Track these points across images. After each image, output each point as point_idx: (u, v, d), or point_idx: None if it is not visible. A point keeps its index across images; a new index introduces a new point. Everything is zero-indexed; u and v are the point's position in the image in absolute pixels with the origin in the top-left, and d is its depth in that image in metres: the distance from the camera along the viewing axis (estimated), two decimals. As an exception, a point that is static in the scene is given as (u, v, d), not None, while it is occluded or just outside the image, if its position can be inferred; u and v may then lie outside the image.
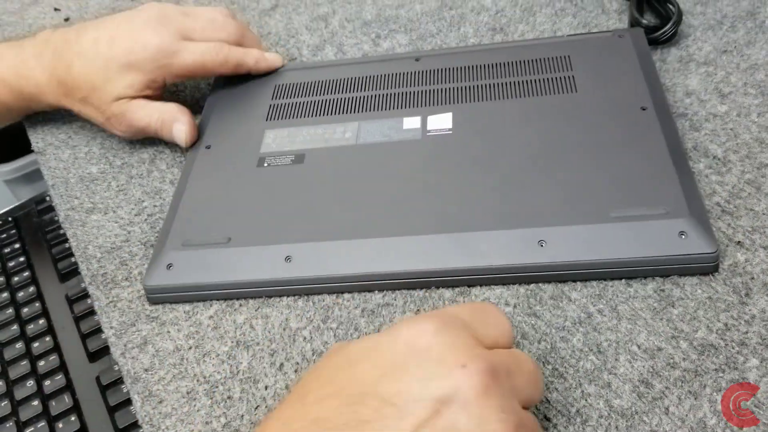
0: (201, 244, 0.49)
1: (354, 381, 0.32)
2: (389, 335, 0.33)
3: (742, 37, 0.59)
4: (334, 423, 0.31)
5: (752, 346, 0.41)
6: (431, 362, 0.31)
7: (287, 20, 0.72)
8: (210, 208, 0.52)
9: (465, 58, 0.59)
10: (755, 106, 0.54)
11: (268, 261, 0.48)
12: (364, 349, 0.34)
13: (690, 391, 0.39)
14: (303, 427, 0.31)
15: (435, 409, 0.30)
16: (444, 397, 0.30)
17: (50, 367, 0.54)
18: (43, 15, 0.80)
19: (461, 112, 0.54)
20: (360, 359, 0.33)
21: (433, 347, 0.32)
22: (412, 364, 0.31)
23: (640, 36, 0.58)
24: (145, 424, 0.43)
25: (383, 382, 0.31)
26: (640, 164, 0.47)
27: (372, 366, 0.32)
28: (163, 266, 0.49)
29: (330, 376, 0.33)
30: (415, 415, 0.30)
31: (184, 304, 0.49)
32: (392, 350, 0.32)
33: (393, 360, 0.32)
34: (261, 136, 0.56)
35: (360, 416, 0.30)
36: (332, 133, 0.55)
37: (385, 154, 0.53)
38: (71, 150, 0.63)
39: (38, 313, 0.57)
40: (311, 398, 0.33)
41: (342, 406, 0.31)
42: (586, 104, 0.53)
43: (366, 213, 0.49)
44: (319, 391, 0.33)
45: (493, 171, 0.50)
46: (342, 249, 0.47)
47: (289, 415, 0.33)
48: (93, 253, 0.53)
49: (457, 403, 0.30)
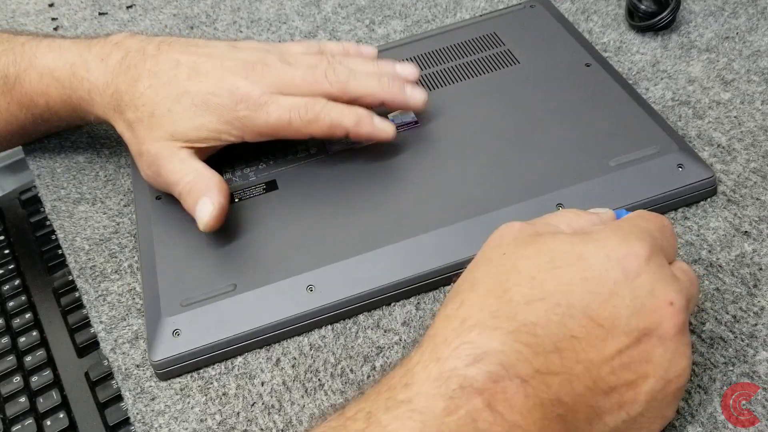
0: (204, 299, 0.44)
1: (562, 289, 0.32)
2: (596, 246, 0.33)
3: (743, 24, 0.58)
4: (543, 331, 0.31)
5: (762, 339, 0.40)
6: (643, 292, 0.32)
7: (278, 5, 0.71)
8: (194, 260, 0.46)
9: (396, 53, 0.59)
10: (759, 93, 0.53)
11: (289, 296, 0.44)
12: (568, 254, 0.33)
13: (700, 385, 0.38)
14: (513, 328, 0.31)
15: (637, 338, 0.32)
16: (647, 329, 0.32)
17: (37, 363, 0.52)
18: (26, 0, 0.77)
19: None
20: (565, 265, 0.33)
21: (644, 275, 0.32)
22: (624, 291, 0.32)
23: (549, 3, 0.62)
24: (137, 422, 0.42)
25: (593, 301, 0.32)
26: (611, 114, 0.50)
27: (580, 278, 0.32)
28: (168, 334, 0.43)
29: (532, 273, 0.33)
30: (619, 339, 0.31)
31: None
32: (602, 267, 0.32)
33: (603, 278, 0.32)
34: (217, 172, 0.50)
35: (570, 330, 0.31)
36: (294, 152, 0.52)
37: (363, 158, 0.51)
38: (57, 139, 0.61)
39: (24, 306, 0.56)
40: (517, 297, 0.32)
41: (551, 314, 0.31)
42: (533, 72, 0.55)
43: (375, 220, 0.46)
44: (523, 289, 0.32)
45: (481, 150, 0.49)
46: (365, 263, 0.44)
47: (494, 308, 0.32)
48: (81, 245, 0.52)
49: (657, 336, 0.32)
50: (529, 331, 0.31)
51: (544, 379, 0.31)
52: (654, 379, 0.32)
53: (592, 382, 0.31)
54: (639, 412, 0.32)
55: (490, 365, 0.30)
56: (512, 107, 0.52)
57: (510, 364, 0.30)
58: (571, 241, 0.34)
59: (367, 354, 0.43)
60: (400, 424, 0.30)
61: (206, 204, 0.46)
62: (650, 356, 0.32)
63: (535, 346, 0.31)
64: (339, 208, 0.48)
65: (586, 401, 0.31)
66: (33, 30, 0.73)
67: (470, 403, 0.30)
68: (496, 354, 0.30)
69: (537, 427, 0.30)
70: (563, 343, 0.31)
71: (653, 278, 0.32)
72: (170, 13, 0.72)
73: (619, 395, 0.32)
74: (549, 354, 0.31)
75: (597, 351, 0.31)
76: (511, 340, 0.31)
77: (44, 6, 0.76)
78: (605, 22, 0.61)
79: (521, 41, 0.58)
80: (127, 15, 0.73)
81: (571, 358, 0.31)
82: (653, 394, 0.32)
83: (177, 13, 0.72)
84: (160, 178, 0.48)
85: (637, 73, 0.56)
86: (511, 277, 0.33)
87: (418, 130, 0.52)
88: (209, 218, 0.45)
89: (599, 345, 0.31)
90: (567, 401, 0.31)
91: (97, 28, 0.72)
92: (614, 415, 0.32)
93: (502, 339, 0.31)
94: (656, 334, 0.32)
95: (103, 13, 0.74)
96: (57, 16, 0.75)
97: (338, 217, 0.47)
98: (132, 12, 0.73)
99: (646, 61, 0.57)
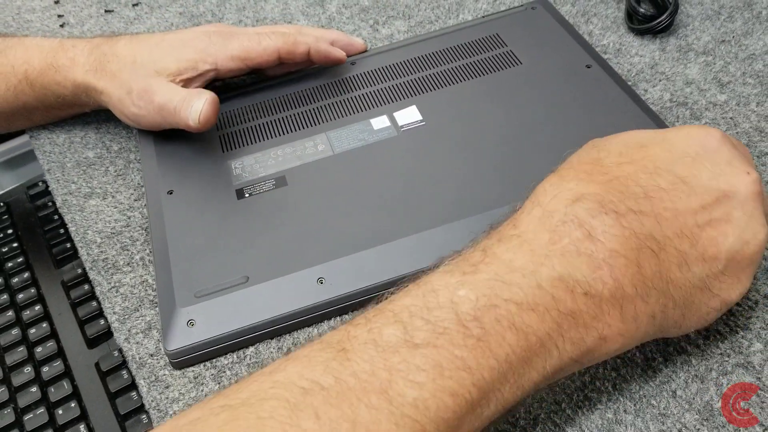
0: (218, 290, 0.45)
1: (649, 158, 0.36)
2: (677, 130, 0.38)
3: (739, 27, 0.60)
4: (634, 182, 0.35)
5: (756, 331, 0.41)
6: (722, 161, 0.36)
7: (283, 5, 0.72)
8: (206, 253, 0.47)
9: (399, 54, 0.60)
10: (754, 95, 0.54)
11: (300, 288, 0.45)
12: (653, 138, 0.38)
13: (696, 374, 0.40)
14: (607, 180, 0.35)
15: (717, 198, 0.35)
16: (728, 191, 0.35)
17: (48, 354, 0.53)
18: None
19: (424, 102, 0.55)
20: (652, 144, 0.37)
21: (722, 150, 0.37)
22: (705, 159, 0.36)
23: (548, 5, 0.63)
24: (152, 409, 0.43)
25: (678, 164, 0.36)
26: (611, 115, 0.52)
27: (665, 151, 0.37)
28: (183, 324, 0.44)
29: (621, 150, 0.37)
30: (701, 196, 0.35)
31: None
32: (684, 143, 0.37)
33: (686, 151, 0.36)
34: (226, 168, 0.53)
35: (657, 183, 0.35)
36: (303, 149, 0.53)
37: (371, 156, 0.52)
38: (66, 134, 0.62)
39: (34, 299, 0.57)
40: (608, 163, 0.36)
41: (640, 172, 0.36)
42: (536, 73, 0.56)
43: (384, 215, 0.48)
44: (613, 158, 0.37)
45: (484, 149, 0.51)
46: (374, 257, 0.45)
47: (589, 169, 0.36)
48: (93, 238, 0.53)
49: (736, 199, 0.35)
50: (621, 182, 0.35)
51: (637, 217, 0.34)
52: (733, 238, 0.35)
53: (679, 229, 0.35)
54: (720, 270, 0.35)
55: (588, 203, 0.34)
56: (515, 107, 0.53)
57: (606, 201, 0.34)
58: (655, 132, 0.38)
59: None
60: (512, 253, 0.34)
61: (197, 102, 0.51)
62: (730, 216, 0.35)
63: (627, 192, 0.35)
64: (348, 203, 0.49)
65: (675, 245, 0.35)
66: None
67: (572, 234, 0.34)
68: (594, 195, 0.34)
69: (633, 255, 0.34)
70: (652, 192, 0.35)
71: (730, 154, 0.37)
72: (176, 11, 0.73)
73: (703, 248, 0.35)
74: (640, 199, 0.35)
75: (682, 202, 0.35)
76: (605, 188, 0.35)
77: (50, 3, 0.77)
78: (605, 24, 0.63)
79: (523, 42, 0.59)
80: (133, 13, 0.74)
81: (660, 205, 0.35)
82: (732, 253, 0.35)
83: (183, 11, 0.73)
84: (153, 104, 0.53)
85: (636, 74, 0.58)
86: (602, 154, 0.37)
87: (424, 128, 0.53)
88: (203, 113, 0.51)
89: (684, 198, 0.35)
90: (659, 239, 0.34)
91: (103, 25, 0.73)
92: (700, 266, 0.35)
93: (598, 186, 0.35)
94: (735, 197, 0.35)
95: (110, 11, 0.75)
96: (63, 13, 0.75)
97: (347, 212, 0.48)
98: (138, 10, 0.74)
99: (645, 63, 0.59)
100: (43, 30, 0.73)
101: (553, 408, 0.40)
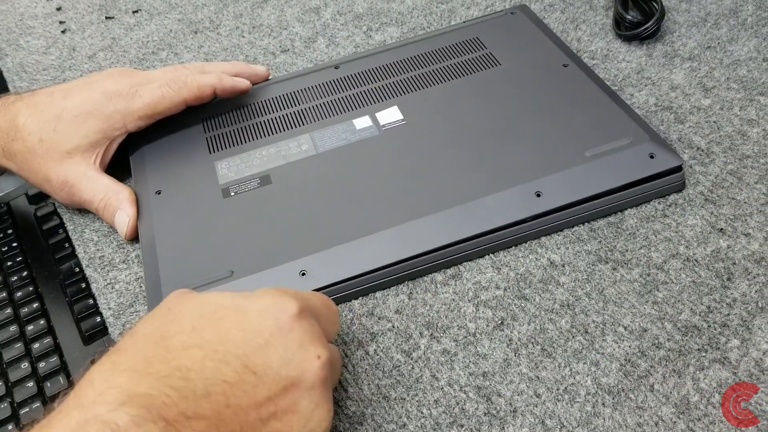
0: (203, 284, 0.46)
1: (220, 338, 0.34)
2: (253, 301, 0.36)
3: (725, 34, 0.61)
4: (197, 375, 0.33)
5: (734, 328, 0.42)
6: (294, 344, 0.35)
7: (279, 12, 0.73)
8: (192, 248, 0.49)
9: (386, 56, 0.62)
10: (737, 100, 0.55)
11: (282, 281, 0.46)
12: (228, 308, 0.36)
13: (674, 369, 0.41)
14: (167, 373, 0.32)
15: (285, 387, 0.34)
16: (295, 379, 0.34)
17: (44, 350, 0.54)
18: (34, 4, 0.80)
19: (405, 103, 0.57)
20: (226, 317, 0.35)
21: (294, 331, 0.35)
22: (278, 342, 0.35)
23: (528, 10, 0.65)
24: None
25: (248, 349, 0.34)
26: (587, 110, 0.53)
27: (238, 329, 0.35)
28: None
29: (193, 324, 0.35)
30: (269, 387, 0.34)
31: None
32: (259, 319, 0.35)
33: (259, 330, 0.35)
34: (212, 168, 0.54)
35: (223, 375, 0.33)
36: (287, 149, 0.55)
37: (353, 154, 0.53)
38: (65, 136, 0.63)
39: (32, 296, 0.58)
40: (175, 343, 0.34)
41: (206, 360, 0.33)
42: (514, 73, 0.58)
43: (364, 210, 0.49)
44: (182, 337, 0.34)
45: (465, 145, 0.52)
46: (354, 249, 0.47)
47: (151, 354, 0.33)
48: (89, 236, 0.54)
49: (303, 386, 0.34)
50: (182, 376, 0.32)
51: (190, 423, 0.32)
52: (298, 428, 0.34)
53: (239, 427, 0.33)
54: None
55: (134, 408, 0.31)
56: (494, 105, 0.55)
57: (155, 407, 0.31)
58: (233, 296, 0.36)
59: (361, 339, 0.45)
60: None
61: (122, 216, 0.52)
62: (296, 406, 0.34)
63: (186, 390, 0.32)
64: (330, 199, 0.50)
65: None
66: None
67: None
68: (143, 397, 0.31)
69: None
70: (215, 387, 0.33)
71: (303, 334, 0.35)
72: (175, 18, 0.75)
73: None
74: (199, 398, 0.32)
75: (247, 396, 0.33)
76: (161, 385, 0.32)
77: (52, 10, 0.79)
78: (593, 31, 0.64)
79: (502, 44, 0.61)
80: (132, 19, 0.75)
81: (221, 402, 0.32)
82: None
83: (181, 18, 0.74)
84: (75, 198, 0.54)
85: (623, 79, 0.59)
86: (173, 327, 0.35)
87: (405, 127, 0.55)
88: (128, 229, 0.52)
89: (250, 391, 0.33)
90: None
91: (103, 31, 0.74)
92: None
93: (152, 383, 0.32)
94: (302, 384, 0.34)
95: (110, 17, 0.76)
96: (65, 19, 0.77)
97: (329, 207, 0.50)
98: (138, 17, 0.76)
99: (632, 68, 0.60)
100: (45, 36, 0.75)
101: (533, 401, 0.41)
